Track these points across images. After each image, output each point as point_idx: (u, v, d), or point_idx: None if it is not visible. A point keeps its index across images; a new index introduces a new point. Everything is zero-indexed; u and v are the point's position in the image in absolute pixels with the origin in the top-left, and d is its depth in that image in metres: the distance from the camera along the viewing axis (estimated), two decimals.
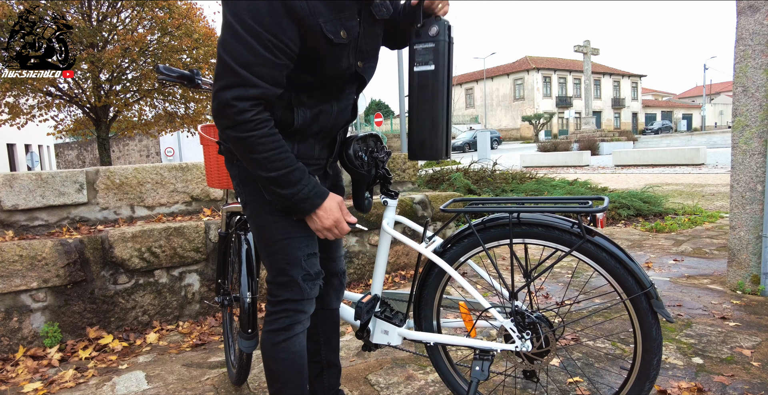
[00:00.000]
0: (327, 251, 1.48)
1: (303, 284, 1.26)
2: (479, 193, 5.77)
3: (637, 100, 53.76)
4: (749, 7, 2.60)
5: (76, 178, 2.76)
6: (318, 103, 1.23)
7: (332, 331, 1.55)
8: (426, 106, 1.33)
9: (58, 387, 1.99)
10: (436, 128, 1.34)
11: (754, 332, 2.19)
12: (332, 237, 1.23)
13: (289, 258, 1.25)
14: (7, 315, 2.27)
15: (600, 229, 1.32)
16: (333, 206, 1.19)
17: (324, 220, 1.19)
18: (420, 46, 1.30)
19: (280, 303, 1.27)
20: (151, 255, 2.55)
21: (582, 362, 1.98)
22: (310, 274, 1.28)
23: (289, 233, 1.25)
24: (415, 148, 1.38)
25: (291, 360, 1.27)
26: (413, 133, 1.37)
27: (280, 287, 1.27)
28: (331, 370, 1.55)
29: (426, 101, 1.32)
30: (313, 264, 1.29)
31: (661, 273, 3.23)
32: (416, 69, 1.32)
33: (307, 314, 1.30)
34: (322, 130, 1.27)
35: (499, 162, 7.47)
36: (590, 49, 23.30)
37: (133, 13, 12.93)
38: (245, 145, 1.09)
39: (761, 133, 2.60)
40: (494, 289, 1.47)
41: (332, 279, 1.52)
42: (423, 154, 1.37)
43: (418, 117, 1.35)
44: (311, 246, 1.29)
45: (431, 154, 1.36)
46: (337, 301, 1.55)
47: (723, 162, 12.58)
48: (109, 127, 14.12)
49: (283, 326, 1.27)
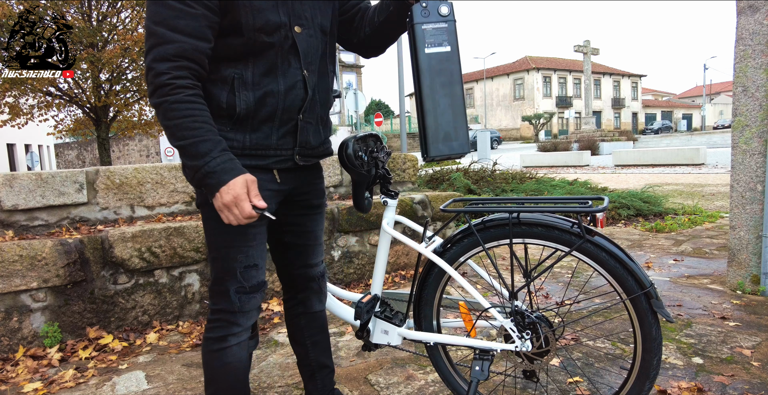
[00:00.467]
0: (303, 259, 1.44)
1: (233, 296, 1.21)
2: (479, 193, 5.77)
3: (637, 100, 53.75)
4: (749, 7, 2.60)
5: (76, 177, 2.76)
6: (261, 82, 1.16)
7: (319, 333, 1.52)
8: (446, 91, 1.18)
9: (58, 387, 1.99)
10: (459, 116, 1.19)
11: (754, 332, 2.19)
12: (233, 221, 1.07)
13: (226, 268, 1.21)
14: (7, 315, 2.26)
15: (600, 229, 1.32)
16: (238, 182, 1.06)
17: (224, 195, 1.05)
18: (430, 26, 1.17)
19: (216, 312, 1.24)
20: (151, 255, 2.55)
21: (582, 362, 1.98)
22: (245, 287, 1.22)
23: (229, 242, 1.20)
24: (436, 141, 1.19)
25: (224, 370, 1.25)
26: (431, 125, 1.19)
27: (215, 295, 1.24)
28: (322, 371, 1.54)
29: (445, 85, 1.18)
30: (250, 277, 1.23)
31: (661, 273, 3.23)
32: (428, 51, 1.18)
33: (242, 327, 1.25)
34: (275, 115, 1.19)
35: (499, 162, 7.47)
36: (590, 49, 23.29)
37: (133, 13, 12.92)
38: (160, 112, 1.05)
39: (761, 133, 2.60)
40: (494, 289, 1.47)
41: (311, 284, 1.48)
42: (449, 148, 1.19)
43: (437, 105, 1.18)
44: (251, 258, 1.22)
45: (458, 146, 1.20)
46: (320, 304, 1.52)
47: (723, 162, 12.57)
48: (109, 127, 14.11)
49: (218, 336, 1.24)
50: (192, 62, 1.07)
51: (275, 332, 2.50)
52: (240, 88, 1.14)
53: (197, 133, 1.05)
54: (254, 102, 1.16)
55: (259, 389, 1.89)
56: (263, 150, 1.20)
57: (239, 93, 1.14)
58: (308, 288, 1.48)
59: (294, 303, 1.50)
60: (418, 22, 1.18)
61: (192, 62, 1.07)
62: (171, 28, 1.03)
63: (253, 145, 1.19)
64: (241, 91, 1.14)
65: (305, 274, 1.46)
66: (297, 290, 1.49)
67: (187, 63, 1.06)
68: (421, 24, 1.18)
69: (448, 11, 1.18)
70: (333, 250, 3.16)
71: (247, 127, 1.17)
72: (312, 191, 1.39)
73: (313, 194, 1.40)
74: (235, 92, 1.14)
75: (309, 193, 1.39)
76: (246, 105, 1.15)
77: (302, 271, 1.45)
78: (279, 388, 1.88)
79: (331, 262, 3.15)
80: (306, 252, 1.44)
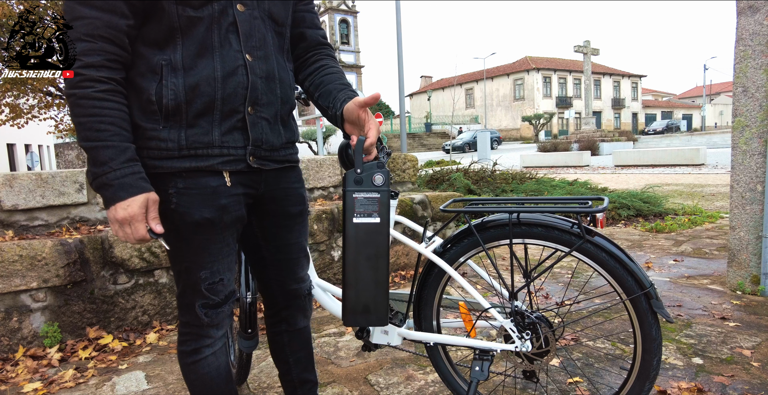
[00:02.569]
0: (286, 274, 1.32)
1: (199, 311, 1.13)
2: (479, 193, 5.77)
3: (637, 101, 53.76)
4: (749, 8, 2.60)
5: (76, 177, 2.76)
6: (194, 66, 1.00)
7: (302, 350, 1.43)
8: (370, 264, 1.17)
9: (57, 387, 1.99)
10: (382, 289, 1.19)
11: (754, 332, 2.19)
12: (122, 238, 0.97)
13: (190, 282, 1.11)
14: (7, 315, 2.26)
15: (600, 229, 1.32)
16: (137, 201, 0.94)
17: (119, 211, 0.94)
18: (362, 195, 1.14)
19: (185, 325, 1.17)
20: (151, 255, 2.55)
21: (582, 362, 1.98)
22: (211, 302, 1.14)
23: (189, 257, 1.09)
24: (355, 312, 1.22)
25: (200, 381, 1.19)
26: (351, 298, 1.20)
27: (181, 308, 1.16)
28: (304, 386, 1.45)
29: (370, 258, 1.17)
30: (217, 291, 1.13)
31: (661, 274, 3.23)
32: (356, 220, 1.16)
33: (213, 338, 1.17)
34: (213, 106, 1.02)
35: (499, 162, 7.47)
36: (590, 49, 23.29)
37: None
38: (69, 105, 0.94)
39: (761, 134, 2.60)
40: (494, 289, 1.47)
41: (296, 301, 1.36)
42: (366, 320, 1.23)
43: (359, 277, 1.18)
44: (216, 273, 1.12)
45: (376, 320, 1.22)
46: (304, 320, 1.42)
47: (723, 162, 12.57)
48: None
49: (190, 348, 1.17)
50: (107, 43, 0.93)
51: None
52: (168, 75, 0.98)
53: (101, 136, 0.93)
54: (185, 90, 0.99)
55: (259, 389, 1.89)
56: (204, 148, 1.03)
57: (167, 81, 0.98)
58: (292, 306, 1.36)
59: (276, 320, 1.39)
60: (350, 190, 1.15)
61: (107, 43, 0.93)
62: (83, 4, 0.91)
63: (191, 143, 1.02)
64: (169, 78, 0.98)
65: (289, 292, 1.34)
66: (280, 307, 1.37)
67: (101, 44, 0.93)
68: (352, 192, 1.15)
69: (382, 182, 1.15)
70: (333, 250, 3.16)
71: (181, 121, 1.01)
72: (288, 197, 1.24)
73: (290, 200, 1.24)
74: (162, 80, 0.98)
75: (284, 200, 1.23)
76: (174, 94, 0.99)
77: (286, 288, 1.33)
78: (279, 388, 1.88)
79: (331, 262, 3.15)
80: (288, 268, 1.31)
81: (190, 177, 1.04)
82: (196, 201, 1.04)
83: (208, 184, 1.05)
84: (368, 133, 1.11)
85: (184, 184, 1.04)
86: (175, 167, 1.02)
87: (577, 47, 23.21)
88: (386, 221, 1.17)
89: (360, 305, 1.22)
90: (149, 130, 1.01)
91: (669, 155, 13.67)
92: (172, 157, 1.02)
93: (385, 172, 1.16)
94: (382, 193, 1.15)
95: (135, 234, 0.96)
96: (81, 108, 0.92)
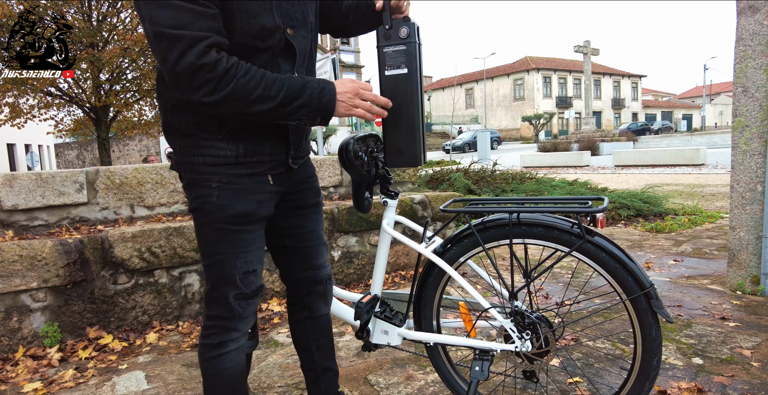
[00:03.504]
0: (306, 260, 1.40)
1: (233, 303, 1.19)
2: (479, 193, 5.77)
3: (637, 101, 53.74)
4: (749, 8, 2.60)
5: (76, 177, 2.76)
6: None
7: (323, 337, 1.49)
8: (401, 111, 1.28)
9: (57, 387, 1.99)
10: (413, 134, 1.30)
11: (754, 332, 2.19)
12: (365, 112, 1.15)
13: (223, 275, 1.17)
14: (7, 315, 2.26)
15: (600, 230, 1.32)
16: (344, 81, 1.13)
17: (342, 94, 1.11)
18: (390, 49, 1.24)
19: (212, 318, 1.21)
20: (151, 255, 2.55)
21: (582, 362, 1.97)
22: (244, 293, 1.20)
23: (227, 250, 1.16)
24: (392, 154, 1.34)
25: (219, 376, 1.22)
26: (389, 140, 1.32)
27: (211, 302, 1.21)
28: (326, 374, 1.50)
29: (401, 106, 1.27)
30: (250, 283, 1.20)
31: (661, 274, 3.23)
32: (388, 73, 1.27)
33: (240, 332, 1.23)
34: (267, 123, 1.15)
35: (499, 162, 7.47)
36: (590, 49, 23.30)
37: (132, 13, 12.92)
38: (242, 98, 1.01)
39: (761, 134, 2.60)
40: (494, 289, 1.47)
41: (316, 287, 1.44)
42: (401, 161, 1.34)
43: (394, 123, 1.30)
44: (250, 263, 1.20)
45: (409, 161, 1.33)
46: (326, 307, 1.49)
47: (723, 162, 12.57)
48: (109, 127, 14.11)
49: (215, 342, 1.21)
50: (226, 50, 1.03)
51: (275, 332, 2.50)
52: None
53: (279, 81, 1.04)
54: None
55: (259, 389, 1.89)
56: (257, 156, 1.16)
57: None
58: (314, 293, 1.44)
59: (298, 307, 1.46)
60: (381, 45, 1.25)
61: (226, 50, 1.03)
62: (197, 29, 0.97)
63: (247, 153, 1.14)
64: None
65: (310, 278, 1.42)
66: (302, 294, 1.44)
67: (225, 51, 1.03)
68: (383, 47, 1.25)
69: (406, 34, 1.23)
70: (333, 250, 3.16)
71: (239, 135, 1.13)
72: (305, 189, 1.36)
73: (308, 193, 1.37)
74: None
75: (302, 192, 1.35)
76: None
77: (307, 274, 1.41)
78: (279, 388, 1.88)
79: (331, 262, 3.15)
80: (309, 254, 1.40)
81: (234, 175, 1.15)
82: (237, 195, 1.14)
83: (249, 181, 1.16)
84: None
85: (227, 180, 1.14)
86: (230, 173, 1.13)
87: (577, 47, 23.22)
88: (414, 70, 1.26)
89: (395, 147, 1.32)
90: (206, 139, 1.11)
91: (669, 155, 13.66)
92: (228, 164, 1.13)
93: (411, 24, 1.23)
94: (408, 45, 1.23)
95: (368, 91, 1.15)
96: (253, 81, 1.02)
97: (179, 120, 1.12)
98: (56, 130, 14.57)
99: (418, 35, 1.25)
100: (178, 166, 1.17)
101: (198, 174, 1.13)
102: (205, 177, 1.12)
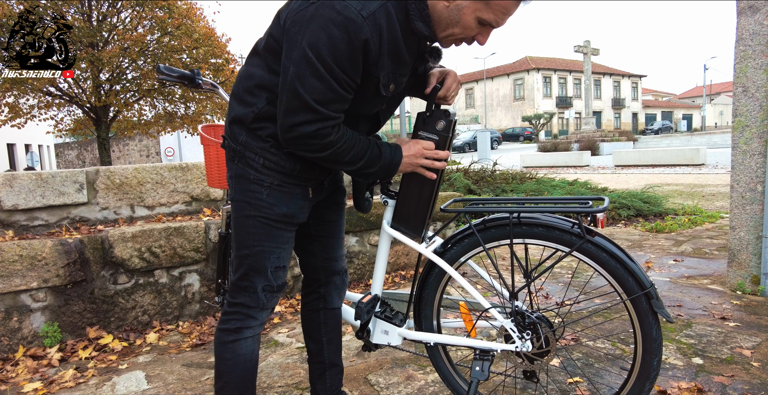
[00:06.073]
0: (327, 251, 1.49)
1: (261, 294, 1.27)
2: (479, 193, 5.77)
3: (638, 101, 53.74)
4: (749, 8, 2.60)
5: (76, 177, 2.76)
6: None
7: (334, 331, 1.55)
8: (414, 189, 1.39)
9: (58, 387, 1.99)
10: (423, 213, 1.41)
11: (754, 332, 2.19)
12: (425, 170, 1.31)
13: (256, 266, 1.26)
14: (7, 315, 2.26)
15: (600, 229, 1.32)
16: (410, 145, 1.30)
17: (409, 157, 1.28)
18: (424, 135, 1.34)
19: (235, 305, 1.28)
20: (151, 255, 2.55)
21: (582, 362, 1.97)
22: (272, 286, 1.28)
23: (263, 242, 1.25)
24: (399, 216, 1.45)
25: (235, 361, 1.28)
26: (402, 202, 1.43)
27: (238, 290, 1.28)
28: (333, 370, 1.55)
29: (415, 183, 1.38)
30: (278, 277, 1.29)
31: (661, 274, 3.23)
32: None
33: (258, 320, 1.30)
34: None
35: (499, 162, 7.46)
36: (590, 49, 23.30)
37: (132, 13, 12.93)
38: (332, 159, 1.17)
39: (761, 134, 2.60)
40: (494, 289, 1.47)
41: (333, 278, 1.52)
42: (403, 227, 1.45)
43: (406, 194, 1.41)
44: (282, 259, 1.29)
45: (410, 230, 1.44)
46: (339, 300, 1.55)
47: (723, 162, 12.58)
48: (109, 126, 14.12)
49: (233, 328, 1.28)
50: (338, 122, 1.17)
51: (275, 332, 2.50)
52: None
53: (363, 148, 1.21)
54: None
55: (259, 389, 1.89)
56: (307, 174, 1.27)
57: None
58: (330, 283, 1.51)
59: (314, 298, 1.52)
60: (417, 128, 1.36)
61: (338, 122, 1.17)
62: (333, 110, 1.11)
63: (302, 171, 1.26)
64: None
65: (329, 268, 1.50)
66: (320, 283, 1.51)
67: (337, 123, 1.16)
68: (418, 130, 1.35)
69: (442, 127, 1.33)
70: None
71: (299, 157, 1.24)
72: (335, 190, 1.47)
73: (337, 193, 1.48)
74: None
75: (333, 192, 1.46)
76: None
77: (327, 264, 1.49)
78: (279, 388, 1.88)
79: None
80: (331, 244, 1.49)
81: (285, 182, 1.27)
82: (285, 198, 1.25)
83: (296, 189, 1.28)
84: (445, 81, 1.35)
85: (278, 183, 1.25)
86: (282, 179, 1.24)
87: (577, 47, 23.21)
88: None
89: (405, 213, 1.43)
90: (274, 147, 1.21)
91: (669, 155, 13.67)
92: (283, 173, 1.24)
93: (449, 120, 1.33)
94: (440, 138, 1.33)
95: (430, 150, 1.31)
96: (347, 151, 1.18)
97: (259, 125, 1.20)
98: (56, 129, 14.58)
99: (453, 129, 1.34)
100: (234, 153, 1.24)
101: (254, 170, 1.22)
102: (259, 176, 1.22)
